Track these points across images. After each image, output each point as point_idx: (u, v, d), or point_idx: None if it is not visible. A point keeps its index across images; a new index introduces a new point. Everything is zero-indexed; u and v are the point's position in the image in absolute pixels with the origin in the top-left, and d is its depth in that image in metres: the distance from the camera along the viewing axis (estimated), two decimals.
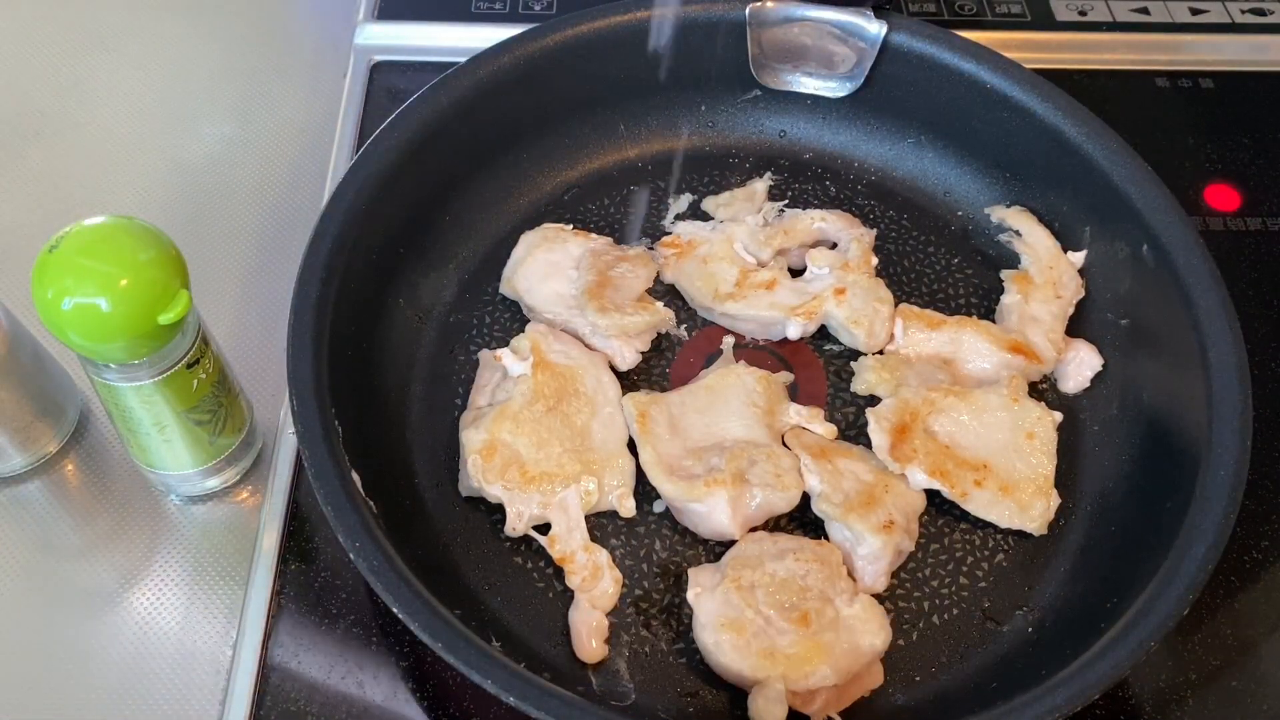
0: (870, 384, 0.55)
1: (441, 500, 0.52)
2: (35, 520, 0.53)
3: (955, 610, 0.51)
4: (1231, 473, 0.47)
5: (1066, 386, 0.57)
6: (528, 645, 0.48)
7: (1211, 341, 0.50)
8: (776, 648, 0.46)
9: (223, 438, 0.51)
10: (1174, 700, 0.49)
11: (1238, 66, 0.73)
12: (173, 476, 0.52)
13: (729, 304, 0.58)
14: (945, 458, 0.52)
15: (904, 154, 0.65)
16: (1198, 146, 0.69)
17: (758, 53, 0.62)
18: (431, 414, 0.55)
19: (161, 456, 0.50)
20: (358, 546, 0.43)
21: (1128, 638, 0.43)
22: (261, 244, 0.62)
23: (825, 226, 0.61)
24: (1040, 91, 0.58)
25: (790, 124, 0.65)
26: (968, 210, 0.63)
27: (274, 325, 0.57)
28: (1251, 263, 0.64)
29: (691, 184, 0.64)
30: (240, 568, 0.51)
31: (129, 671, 0.49)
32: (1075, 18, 0.74)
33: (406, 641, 0.49)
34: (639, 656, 0.49)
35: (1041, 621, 0.50)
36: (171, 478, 0.52)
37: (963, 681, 0.49)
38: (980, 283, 0.61)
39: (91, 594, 0.51)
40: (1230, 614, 0.52)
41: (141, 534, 0.52)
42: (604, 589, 0.49)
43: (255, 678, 0.48)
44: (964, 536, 0.53)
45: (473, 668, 0.41)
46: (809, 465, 0.51)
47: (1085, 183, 0.57)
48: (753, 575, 0.48)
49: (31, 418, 0.53)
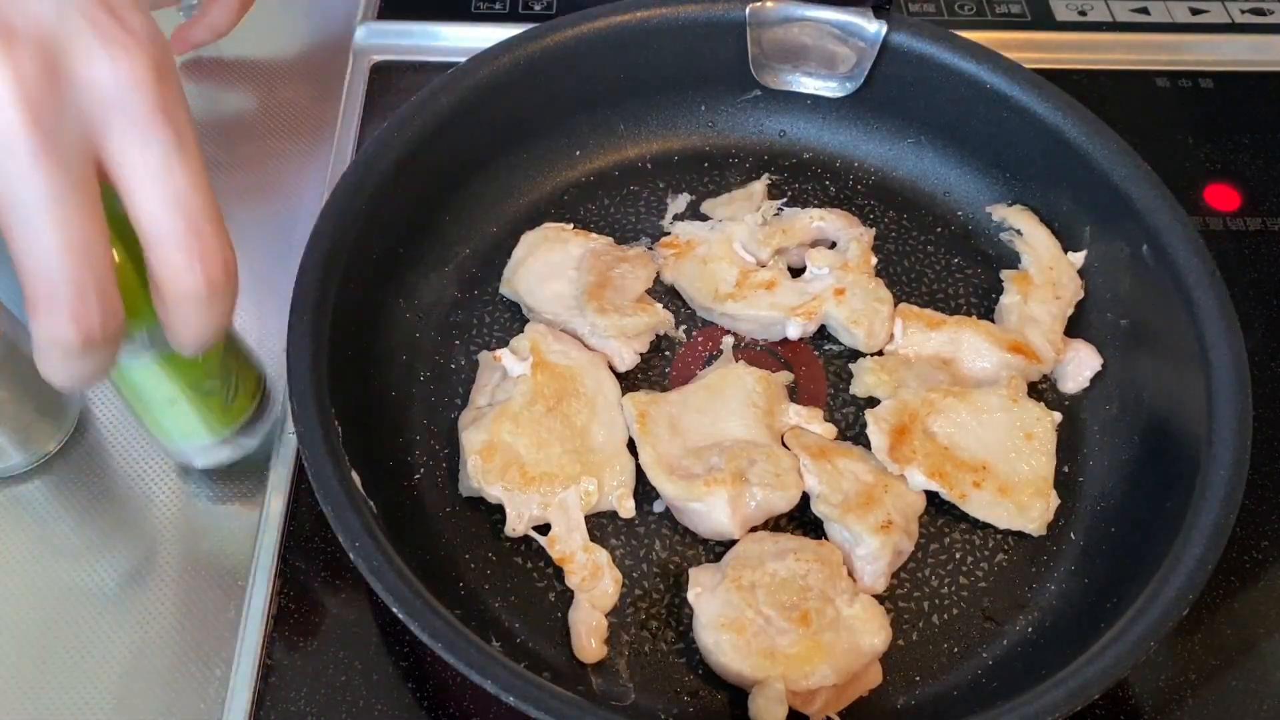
0: (869, 386, 0.55)
1: (441, 500, 0.52)
2: (35, 520, 0.53)
3: (955, 610, 0.51)
4: (1231, 472, 0.46)
5: (1066, 387, 0.57)
6: (528, 645, 0.48)
7: (1211, 341, 0.50)
8: (776, 647, 0.46)
9: (236, 402, 0.51)
10: (1174, 700, 0.49)
11: (1238, 66, 0.73)
12: (191, 447, 0.51)
13: (729, 304, 0.58)
14: (944, 459, 0.52)
15: (903, 154, 0.65)
16: (1198, 146, 0.69)
17: (757, 52, 0.62)
18: (431, 414, 0.55)
19: (179, 427, 0.50)
20: (357, 546, 0.43)
21: (1127, 638, 0.43)
22: (260, 243, 0.62)
23: (824, 226, 0.61)
24: (1040, 91, 0.58)
25: (790, 124, 0.65)
26: (967, 210, 0.63)
27: (273, 325, 0.57)
28: (1252, 263, 0.64)
29: (691, 184, 0.64)
30: (240, 568, 0.51)
31: (128, 672, 0.49)
32: (1075, 18, 0.74)
33: (406, 642, 0.49)
34: (639, 656, 0.49)
35: (1041, 622, 0.50)
36: (190, 449, 0.51)
37: (962, 681, 0.49)
38: (980, 283, 0.61)
39: (91, 594, 0.51)
40: (1230, 614, 0.52)
41: (141, 534, 0.52)
42: (604, 589, 0.49)
43: (255, 678, 0.48)
44: (964, 536, 0.53)
45: (473, 668, 0.41)
46: (808, 465, 0.51)
47: (1085, 183, 0.57)
48: (753, 575, 0.48)
49: (32, 417, 0.53)
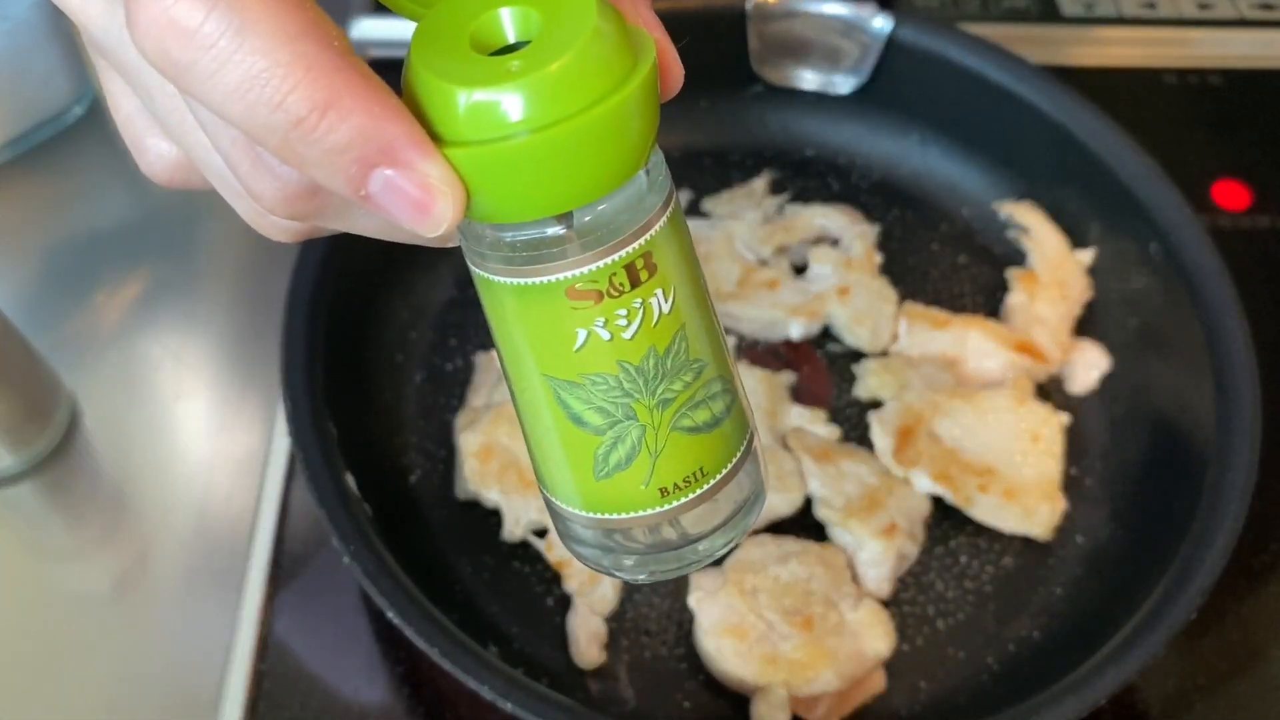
0: (873, 388, 0.55)
1: (438, 503, 0.52)
2: (26, 523, 0.52)
3: (960, 615, 0.50)
4: (1241, 474, 0.46)
5: (1073, 387, 0.56)
6: (525, 651, 0.48)
7: (1221, 341, 0.50)
8: (779, 653, 0.45)
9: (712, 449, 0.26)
10: (1181, 705, 0.49)
11: (1247, 63, 0.72)
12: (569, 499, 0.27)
13: (731, 304, 0.57)
14: (949, 461, 0.51)
15: (908, 150, 0.64)
16: (1206, 143, 0.68)
17: (759, 47, 0.61)
18: (428, 416, 0.55)
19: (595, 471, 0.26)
20: (353, 550, 0.43)
21: (1135, 642, 0.43)
22: (256, 243, 0.61)
23: (827, 223, 0.60)
24: (1046, 88, 0.57)
25: (792, 120, 0.65)
26: (973, 207, 0.63)
27: (268, 325, 0.57)
28: (1261, 261, 0.63)
29: (691, 181, 0.63)
30: (234, 571, 0.51)
31: (121, 676, 0.48)
32: (1081, 13, 0.74)
33: (403, 647, 0.49)
34: (639, 662, 0.48)
35: (1047, 626, 0.49)
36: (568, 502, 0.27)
37: (967, 687, 0.48)
38: (986, 281, 0.60)
39: (83, 597, 0.50)
40: (1238, 618, 0.51)
41: (134, 537, 0.52)
42: (603, 593, 0.49)
43: (249, 683, 0.47)
44: (969, 540, 0.52)
45: (469, 674, 0.40)
46: (810, 468, 0.51)
47: (1092, 180, 0.57)
48: (755, 579, 0.47)
49: (22, 419, 0.52)
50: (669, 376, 0.25)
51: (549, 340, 0.24)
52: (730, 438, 0.26)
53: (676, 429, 0.25)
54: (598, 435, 0.25)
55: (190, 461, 0.54)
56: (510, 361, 0.26)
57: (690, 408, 0.25)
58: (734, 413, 0.26)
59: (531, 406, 0.26)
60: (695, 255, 0.26)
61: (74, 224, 0.62)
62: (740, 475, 0.27)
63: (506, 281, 0.24)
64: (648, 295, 0.24)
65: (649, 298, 0.24)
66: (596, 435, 0.25)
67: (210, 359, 0.58)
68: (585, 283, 0.23)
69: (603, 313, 0.24)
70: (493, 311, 0.25)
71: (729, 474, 0.26)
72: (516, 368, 0.25)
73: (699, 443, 0.26)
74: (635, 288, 0.24)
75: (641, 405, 0.25)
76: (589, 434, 0.25)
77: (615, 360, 0.24)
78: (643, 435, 0.25)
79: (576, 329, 0.24)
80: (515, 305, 0.24)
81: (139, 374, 0.57)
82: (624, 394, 0.24)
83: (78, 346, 0.57)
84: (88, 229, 0.62)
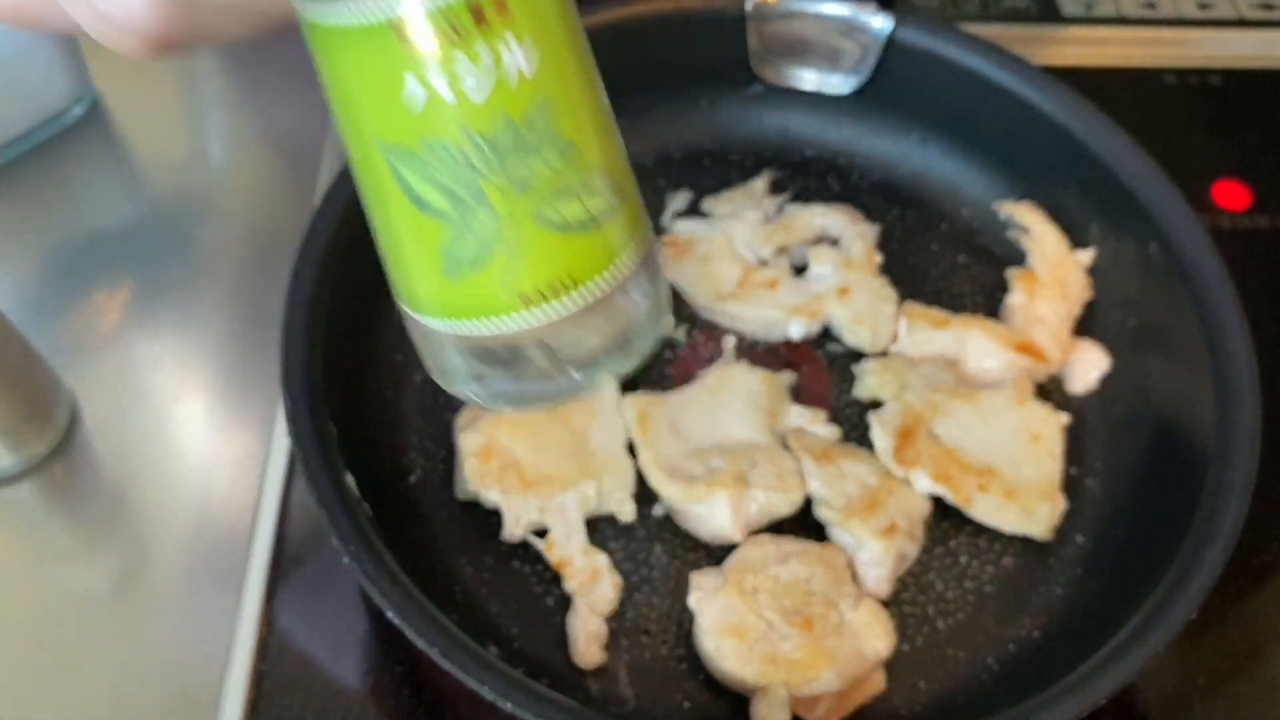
0: (872, 389, 0.55)
1: (438, 503, 0.52)
2: (26, 523, 0.52)
3: (960, 615, 0.50)
4: (1241, 474, 0.46)
5: (1073, 387, 0.56)
6: (525, 651, 0.48)
7: (1221, 341, 0.50)
8: (779, 653, 0.45)
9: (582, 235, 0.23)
10: (1181, 705, 0.49)
11: (1247, 63, 0.72)
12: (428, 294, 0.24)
13: (730, 304, 0.57)
14: (949, 461, 0.51)
15: (908, 150, 0.64)
16: (1207, 143, 0.68)
17: (759, 47, 0.61)
18: (428, 415, 0.54)
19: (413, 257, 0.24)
20: (352, 550, 0.43)
21: (1135, 643, 0.43)
22: (255, 241, 0.61)
23: (827, 223, 0.60)
24: (1047, 88, 0.57)
25: (792, 119, 0.65)
26: (973, 207, 0.63)
27: (267, 324, 0.57)
28: (1262, 262, 0.63)
29: (691, 181, 0.63)
30: (234, 572, 0.51)
31: (121, 676, 0.48)
32: (1081, 13, 0.74)
33: (402, 647, 0.48)
34: (639, 662, 0.48)
35: (1047, 626, 0.49)
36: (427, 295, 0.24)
37: (967, 687, 0.48)
38: (986, 281, 0.60)
39: (83, 597, 0.50)
40: (1239, 618, 0.51)
41: (134, 537, 0.52)
42: (603, 593, 0.49)
43: (249, 683, 0.47)
44: (969, 540, 0.52)
45: (469, 674, 0.40)
46: (810, 468, 0.50)
47: (1092, 180, 0.57)
48: (755, 579, 0.47)
49: (21, 419, 0.52)
50: (527, 151, 0.21)
51: (381, 95, 0.21)
52: (612, 244, 0.23)
53: (540, 221, 0.22)
54: (444, 221, 0.22)
55: (190, 461, 0.54)
56: (347, 133, 0.22)
57: (555, 196, 0.22)
58: (620, 218, 0.23)
59: (372, 191, 0.22)
60: (578, 21, 0.22)
61: (74, 224, 0.62)
62: (629, 291, 0.23)
63: (332, 24, 0.20)
64: (495, 41, 0.20)
65: (498, 43, 0.20)
66: (443, 221, 0.22)
67: (210, 359, 0.58)
68: (418, 19, 0.20)
69: (441, 58, 0.20)
70: (325, 71, 0.22)
71: (607, 286, 0.23)
72: (354, 139, 0.22)
73: (567, 243, 0.22)
74: (480, 28, 0.20)
75: (493, 186, 0.21)
76: (433, 219, 0.22)
77: (461, 126, 0.21)
78: (498, 226, 0.21)
79: (408, 77, 0.20)
80: (343, 55, 0.21)
81: (138, 374, 0.57)
82: (471, 169, 0.21)
83: (78, 347, 0.57)
84: (88, 229, 0.62)
